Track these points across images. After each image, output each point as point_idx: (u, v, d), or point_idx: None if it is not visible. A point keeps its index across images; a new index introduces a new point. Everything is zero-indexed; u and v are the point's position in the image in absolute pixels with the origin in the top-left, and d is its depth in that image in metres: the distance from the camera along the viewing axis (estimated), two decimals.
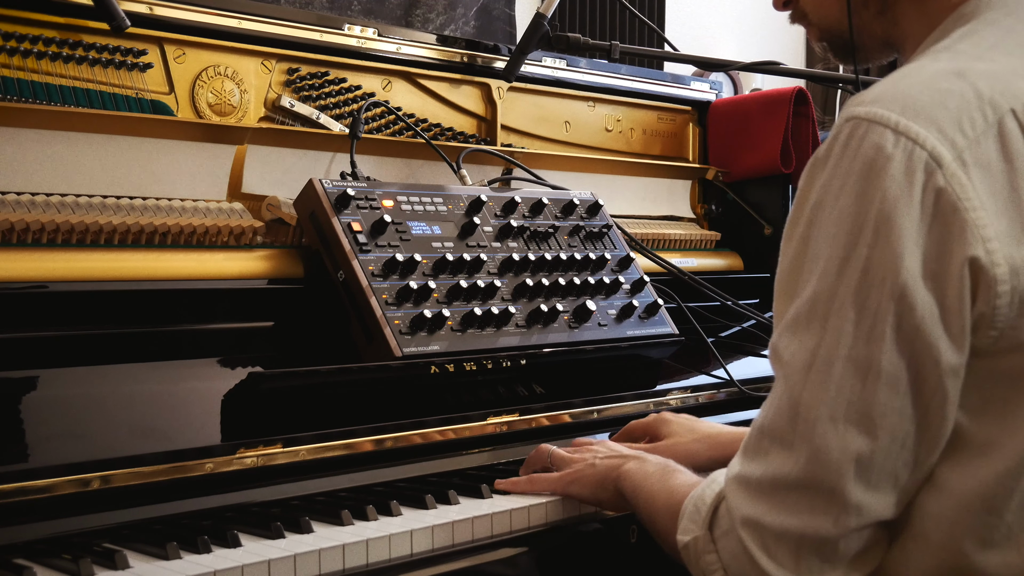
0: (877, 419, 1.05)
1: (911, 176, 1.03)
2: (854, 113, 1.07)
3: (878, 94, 1.08)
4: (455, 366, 1.62)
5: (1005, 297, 1.03)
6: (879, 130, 1.04)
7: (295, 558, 1.21)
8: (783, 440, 1.08)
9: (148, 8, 1.66)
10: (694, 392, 1.97)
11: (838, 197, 1.06)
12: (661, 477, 1.32)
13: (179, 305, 1.55)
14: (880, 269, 1.03)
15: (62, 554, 1.18)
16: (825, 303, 1.06)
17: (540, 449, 1.52)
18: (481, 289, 1.71)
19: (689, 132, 2.56)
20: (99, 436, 1.34)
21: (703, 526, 1.15)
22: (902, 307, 1.03)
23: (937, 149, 1.03)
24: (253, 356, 1.59)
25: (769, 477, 1.09)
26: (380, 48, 1.96)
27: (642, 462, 1.37)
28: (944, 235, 1.02)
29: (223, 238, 1.64)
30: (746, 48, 5.02)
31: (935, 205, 1.02)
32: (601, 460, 1.43)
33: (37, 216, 1.46)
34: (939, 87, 1.07)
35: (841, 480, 1.05)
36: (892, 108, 1.05)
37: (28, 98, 1.56)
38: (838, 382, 1.06)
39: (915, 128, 1.03)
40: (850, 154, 1.06)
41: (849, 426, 1.05)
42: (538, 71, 2.22)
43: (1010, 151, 1.04)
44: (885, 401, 1.05)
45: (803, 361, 1.08)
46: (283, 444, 1.43)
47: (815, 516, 1.07)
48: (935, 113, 1.04)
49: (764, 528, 1.09)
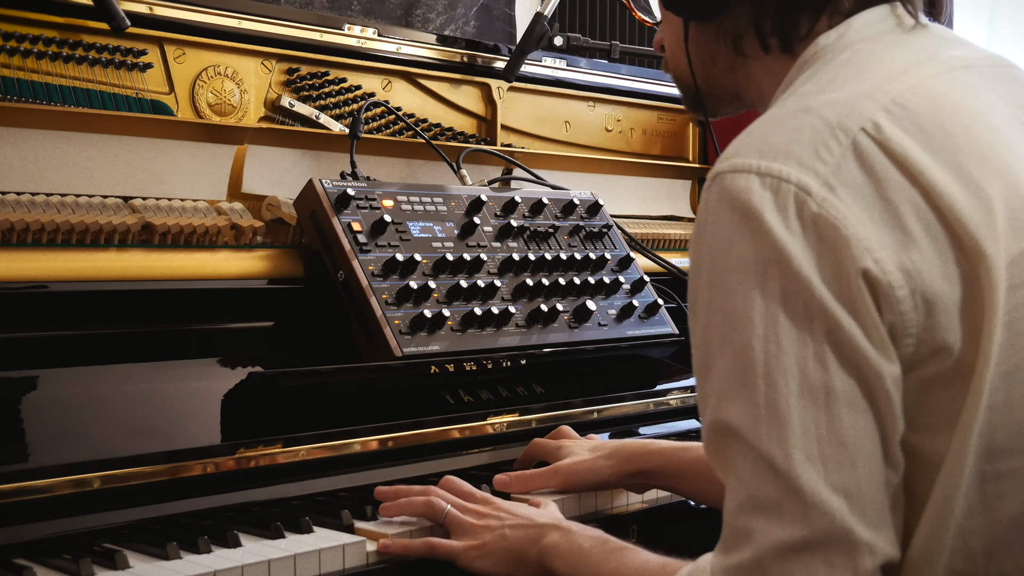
0: (850, 445, 1.01)
1: (784, 210, 1.04)
2: (718, 170, 1.08)
3: (735, 149, 1.09)
4: (455, 366, 1.62)
5: (907, 302, 1.03)
6: (743, 176, 1.06)
7: (295, 558, 1.21)
8: (767, 506, 1.02)
9: (148, 8, 1.66)
10: (694, 392, 1.97)
11: (729, 250, 1.06)
12: (607, 556, 1.24)
13: (179, 305, 1.55)
14: (798, 297, 1.03)
15: (62, 554, 1.18)
16: (757, 351, 1.03)
17: (432, 504, 1.35)
18: (481, 289, 1.71)
19: (689, 132, 2.56)
20: (99, 436, 1.34)
21: None
22: (831, 326, 1.02)
23: (802, 180, 1.04)
24: (253, 356, 1.59)
25: (768, 551, 1.01)
26: (380, 48, 1.96)
27: (568, 534, 1.28)
28: (833, 256, 1.03)
29: (223, 238, 1.64)
30: None
31: (815, 230, 1.03)
32: (512, 530, 1.31)
33: (37, 216, 1.46)
34: (789, 125, 1.09)
35: (845, 520, 1.00)
36: (750, 155, 1.07)
37: (28, 98, 1.56)
38: (800, 420, 1.01)
39: (776, 166, 1.05)
40: (725, 207, 1.06)
41: (828, 462, 1.01)
42: (538, 71, 2.22)
43: (871, 167, 1.05)
44: (852, 424, 1.02)
45: (757, 416, 1.02)
46: (283, 444, 1.43)
47: (833, 571, 1.00)
48: (790, 148, 1.06)
49: None
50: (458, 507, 1.35)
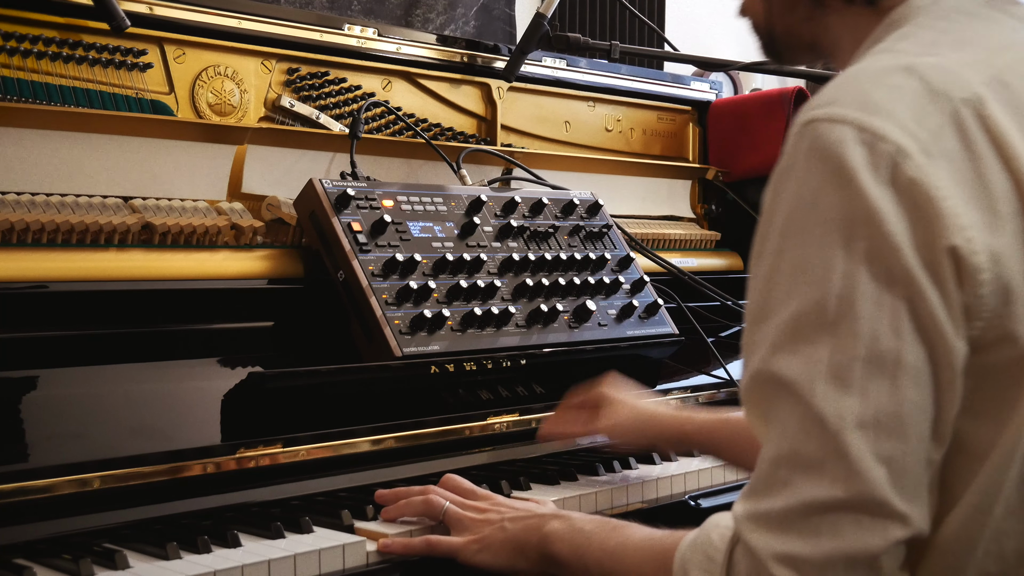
0: (906, 418, 1.00)
1: (878, 169, 1.01)
2: (812, 117, 1.05)
3: (831, 96, 1.06)
4: (455, 366, 1.62)
5: (988, 286, 1.01)
6: (839, 128, 1.03)
7: (295, 558, 1.21)
8: (808, 463, 1.01)
9: (148, 8, 1.66)
10: (694, 392, 1.97)
11: (815, 200, 1.03)
12: (610, 534, 1.24)
13: (179, 305, 1.55)
14: (883, 260, 1.00)
15: (62, 554, 1.19)
16: (828, 308, 1.01)
17: (430, 502, 1.36)
18: (481, 289, 1.71)
19: (689, 132, 2.56)
20: (99, 436, 1.34)
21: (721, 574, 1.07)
22: (912, 295, 1.00)
23: (902, 141, 1.01)
24: (253, 356, 1.59)
25: (798, 506, 1.01)
26: (380, 48, 1.96)
27: (568, 520, 1.28)
28: (924, 224, 1.01)
29: (223, 238, 1.64)
30: (746, 48, 5.02)
31: (910, 195, 1.01)
32: (512, 522, 1.31)
33: (37, 216, 1.46)
34: (891, 83, 1.06)
35: (884, 490, 0.99)
36: (849, 106, 1.03)
37: (28, 98, 1.56)
38: (861, 386, 0.99)
39: (876, 122, 1.02)
40: (816, 157, 1.03)
41: (880, 431, 1.00)
42: (538, 71, 2.22)
43: (970, 141, 1.03)
44: (912, 398, 1.00)
45: (816, 373, 1.01)
46: (283, 444, 1.43)
47: (862, 534, 1.00)
48: (892, 107, 1.03)
49: (803, 561, 1.00)
50: (457, 504, 1.36)
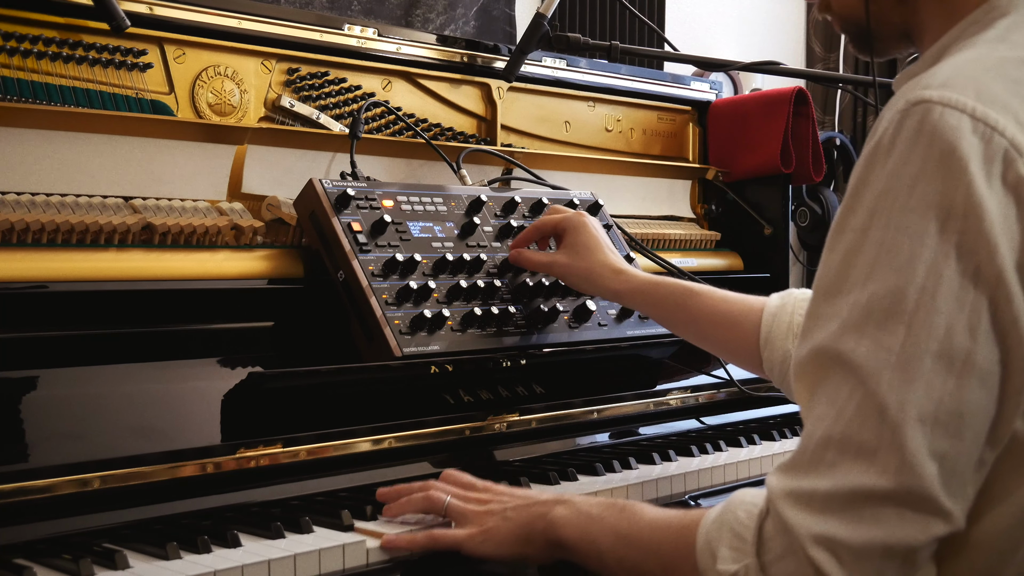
0: (967, 418, 0.99)
1: (991, 164, 0.98)
2: (924, 96, 1.01)
3: (947, 78, 1.03)
4: (455, 366, 1.62)
5: None
6: (955, 114, 1.00)
7: (295, 558, 1.21)
8: (861, 449, 1.00)
9: (148, 8, 1.66)
10: (694, 392, 1.97)
11: (914, 184, 1.00)
12: (620, 515, 1.23)
13: (179, 305, 1.55)
14: (974, 257, 0.98)
15: (62, 554, 1.18)
16: (908, 297, 0.99)
17: (432, 497, 1.34)
18: (481, 289, 1.71)
19: (689, 132, 2.56)
20: (99, 436, 1.34)
21: (752, 552, 1.05)
22: (999, 297, 0.99)
23: (1017, 138, 0.99)
24: (253, 356, 1.59)
25: (846, 490, 1.00)
26: (380, 48, 1.96)
27: (574, 504, 1.27)
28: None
29: (223, 238, 1.64)
30: (746, 48, 5.02)
31: (1016, 194, 0.98)
32: (516, 511, 1.30)
33: (37, 216, 1.46)
34: (1011, 75, 1.03)
35: (933, 486, 0.99)
36: (966, 93, 1.01)
37: (28, 98, 1.56)
38: (928, 380, 0.98)
39: (993, 115, 0.99)
40: (924, 139, 1.00)
41: (938, 427, 0.98)
42: (538, 71, 2.22)
43: None
44: (976, 399, 0.99)
45: (884, 361, 0.99)
46: (283, 444, 1.43)
47: (904, 526, 0.99)
48: (1010, 101, 1.01)
49: (841, 544, 1.00)
50: (459, 497, 1.34)
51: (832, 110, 5.16)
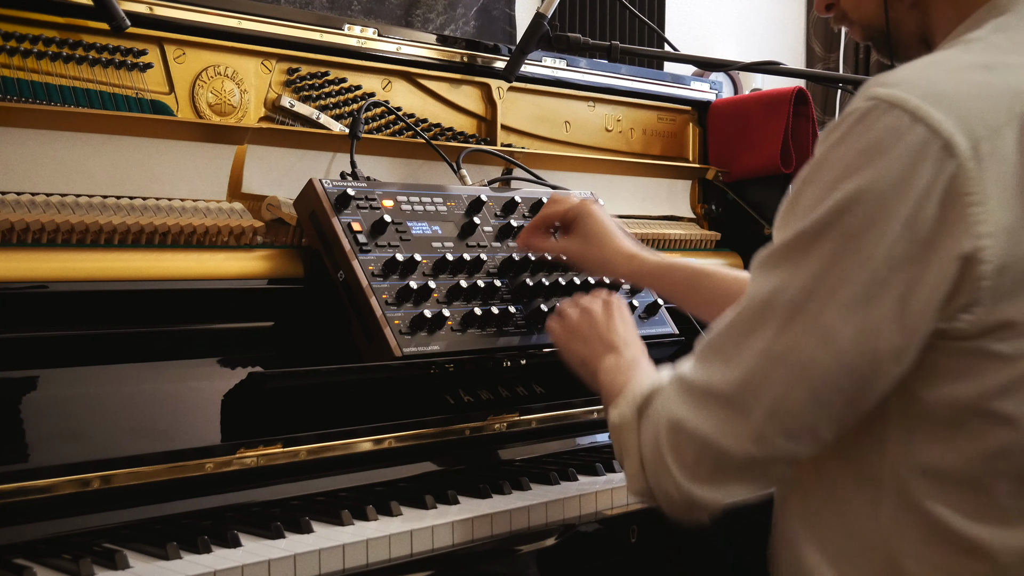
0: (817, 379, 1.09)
1: (920, 161, 1.04)
2: (875, 94, 1.08)
3: (903, 77, 1.09)
4: (455, 366, 1.62)
5: (987, 292, 1.05)
6: (896, 113, 1.06)
7: (295, 558, 1.21)
8: (725, 355, 1.14)
9: (148, 8, 1.66)
10: None
11: (839, 162, 1.08)
12: (629, 370, 1.39)
13: (179, 305, 1.55)
14: (867, 246, 1.05)
15: (62, 554, 1.19)
16: (805, 242, 1.09)
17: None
18: (481, 289, 1.71)
19: (689, 132, 2.56)
20: (99, 436, 1.34)
21: (633, 410, 1.24)
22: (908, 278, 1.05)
23: (953, 139, 1.04)
24: (253, 356, 1.59)
25: (702, 384, 1.16)
26: (380, 48, 1.96)
27: (619, 358, 1.44)
28: (939, 225, 1.04)
29: (223, 238, 1.64)
30: (746, 48, 5.03)
31: (940, 193, 1.03)
32: (593, 340, 1.50)
33: (37, 216, 1.46)
34: (966, 78, 1.08)
35: (759, 413, 1.11)
36: (913, 92, 1.06)
37: (28, 98, 1.56)
38: (796, 328, 1.09)
39: (935, 114, 1.04)
40: (861, 130, 1.07)
41: (790, 370, 1.09)
42: (538, 71, 2.22)
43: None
44: (828, 362, 1.08)
45: (767, 295, 1.12)
46: (283, 444, 1.43)
47: (723, 430, 1.13)
48: (958, 102, 1.05)
49: (681, 427, 1.16)
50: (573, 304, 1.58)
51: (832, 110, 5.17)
